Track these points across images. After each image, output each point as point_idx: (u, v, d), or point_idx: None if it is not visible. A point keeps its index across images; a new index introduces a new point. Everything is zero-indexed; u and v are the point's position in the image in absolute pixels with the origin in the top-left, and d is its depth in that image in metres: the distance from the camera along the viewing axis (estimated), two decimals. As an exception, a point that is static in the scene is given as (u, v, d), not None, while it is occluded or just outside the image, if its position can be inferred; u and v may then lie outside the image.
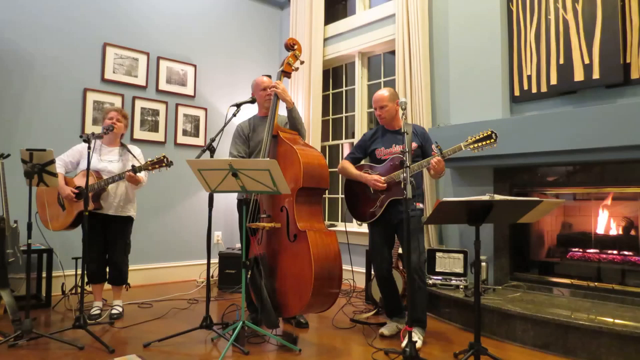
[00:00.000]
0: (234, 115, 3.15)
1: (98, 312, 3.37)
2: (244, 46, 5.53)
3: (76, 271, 3.87)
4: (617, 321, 2.60)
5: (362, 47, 4.89)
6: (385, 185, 2.87)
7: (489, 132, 2.57)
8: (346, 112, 5.32)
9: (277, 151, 2.94)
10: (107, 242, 3.38)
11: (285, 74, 3.20)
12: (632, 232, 3.28)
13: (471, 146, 2.60)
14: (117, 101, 4.41)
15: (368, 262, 4.01)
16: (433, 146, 2.75)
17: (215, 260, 4.72)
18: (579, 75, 3.16)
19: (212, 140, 2.96)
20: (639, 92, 2.97)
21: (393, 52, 4.56)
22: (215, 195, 4.81)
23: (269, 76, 3.33)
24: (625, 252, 3.23)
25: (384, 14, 4.65)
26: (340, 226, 4.98)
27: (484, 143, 2.57)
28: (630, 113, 2.72)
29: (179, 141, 4.84)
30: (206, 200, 4.90)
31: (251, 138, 3.24)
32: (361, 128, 4.90)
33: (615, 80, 3.00)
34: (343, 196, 3.57)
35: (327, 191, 5.32)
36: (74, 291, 3.88)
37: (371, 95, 4.75)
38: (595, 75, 3.07)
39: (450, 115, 3.81)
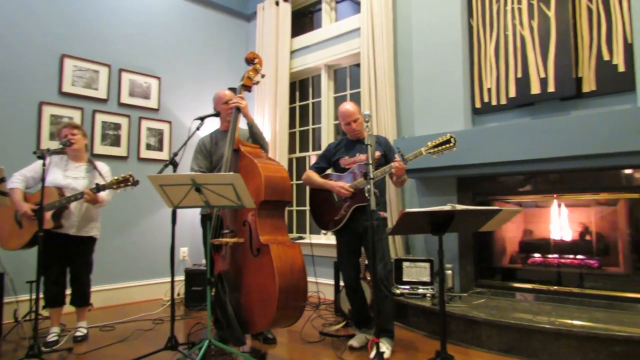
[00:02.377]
0: (198, 128, 3.12)
1: (55, 338, 3.20)
2: (210, 58, 5.52)
3: (31, 295, 3.66)
4: (575, 322, 2.71)
5: (329, 60, 4.96)
6: (350, 191, 2.91)
7: (448, 137, 2.68)
8: (313, 124, 5.36)
9: (239, 165, 2.93)
10: (69, 262, 3.27)
11: (246, 87, 3.20)
12: (588, 237, 3.43)
13: (431, 150, 2.69)
14: (76, 115, 4.32)
15: (337, 274, 4.04)
16: (396, 156, 2.81)
17: (181, 277, 4.64)
18: (535, 89, 3.30)
19: (175, 154, 2.93)
20: (591, 104, 3.14)
21: (359, 65, 4.64)
22: (182, 210, 4.74)
23: (233, 89, 3.33)
24: (582, 256, 3.38)
25: (350, 27, 4.74)
26: (310, 238, 4.99)
27: (443, 147, 2.67)
28: (582, 125, 2.86)
29: (142, 155, 4.76)
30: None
31: (213, 152, 3.22)
32: (328, 140, 4.95)
33: (569, 94, 3.15)
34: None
35: (293, 204, 5.37)
36: (28, 317, 3.64)
37: (337, 108, 4.81)
38: (551, 88, 3.22)
39: (415, 126, 3.90)
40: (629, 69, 2.99)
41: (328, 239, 4.80)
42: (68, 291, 3.34)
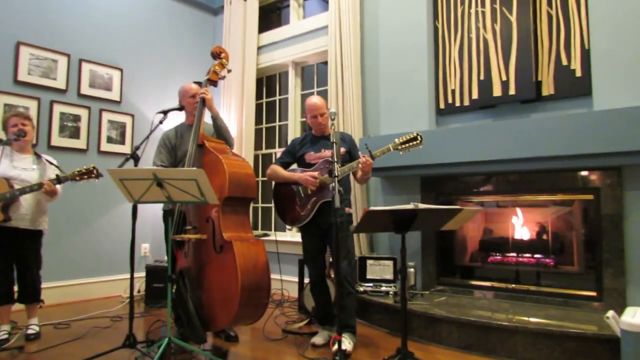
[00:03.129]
0: (161, 122, 3.06)
1: (5, 336, 3.05)
2: (176, 51, 5.40)
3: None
4: (531, 319, 2.79)
5: (296, 57, 4.93)
6: (318, 181, 2.90)
7: (415, 135, 2.72)
8: (279, 120, 5.32)
9: (203, 160, 2.89)
10: (17, 257, 3.12)
11: (212, 82, 3.16)
12: (544, 237, 3.53)
13: (399, 147, 2.72)
14: (32, 105, 4.13)
15: (301, 271, 4.02)
16: (360, 153, 2.82)
17: (142, 274, 4.52)
18: (497, 91, 3.37)
19: (137, 148, 2.85)
20: (549, 108, 3.23)
21: (326, 63, 4.63)
22: (144, 205, 4.63)
23: (199, 83, 3.27)
24: (539, 255, 3.48)
25: (318, 25, 4.72)
26: (275, 235, 4.95)
27: (410, 144, 2.71)
28: (541, 127, 2.95)
29: (102, 149, 4.61)
30: (133, 210, 4.68)
31: (178, 147, 3.17)
32: (293, 136, 4.91)
33: (529, 96, 3.24)
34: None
35: (258, 200, 5.32)
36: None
37: (304, 105, 4.79)
38: (512, 91, 3.30)
39: (380, 126, 3.92)
40: (585, 74, 3.09)
41: (293, 236, 4.78)
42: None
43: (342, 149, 3.04)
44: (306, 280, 3.47)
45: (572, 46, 3.15)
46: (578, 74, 3.12)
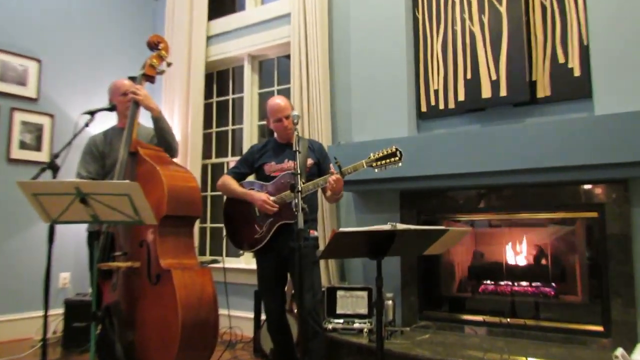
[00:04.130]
0: (87, 125, 2.99)
1: None
2: (108, 41, 5.30)
3: None
4: (529, 360, 2.82)
5: (253, 49, 4.93)
6: (276, 208, 2.87)
7: (393, 149, 2.71)
8: (233, 124, 5.29)
9: (137, 172, 2.86)
10: None
11: (148, 77, 3.14)
12: (543, 261, 3.60)
13: (373, 164, 2.71)
14: None
15: (257, 305, 3.96)
16: (331, 165, 2.80)
17: (59, 310, 4.36)
18: (486, 92, 3.44)
19: (56, 156, 2.78)
20: (546, 111, 3.32)
21: (288, 57, 4.63)
22: (64, 226, 4.47)
23: (134, 79, 3.22)
24: (537, 283, 3.53)
25: (279, 12, 4.73)
26: (226, 262, 4.87)
27: (387, 161, 2.70)
28: (537, 134, 3.01)
29: (13, 156, 4.46)
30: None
31: (107, 155, 3.12)
32: (250, 143, 4.89)
33: (522, 99, 3.31)
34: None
35: (207, 219, 5.24)
36: None
37: (263, 105, 4.77)
38: (503, 92, 3.37)
39: (353, 131, 3.94)
40: (584, 73, 3.19)
41: (248, 263, 4.71)
42: None
43: (310, 160, 3.03)
44: (263, 316, 3.40)
45: (569, 42, 3.25)
46: (576, 73, 3.22)
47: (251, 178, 3.24)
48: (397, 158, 2.71)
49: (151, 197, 2.68)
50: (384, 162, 2.71)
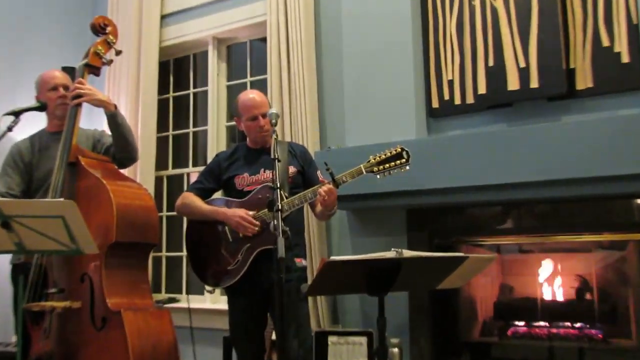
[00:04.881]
0: (10, 129, 3.02)
1: None
2: (34, 24, 5.30)
3: None
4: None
5: (219, 30, 4.95)
6: (258, 226, 2.89)
7: (399, 150, 2.77)
8: (195, 125, 5.30)
9: (77, 187, 2.87)
10: None
11: (92, 69, 3.14)
12: (588, 296, 3.63)
13: (375, 169, 2.74)
14: None
15: (228, 355, 3.97)
16: (318, 173, 2.82)
17: (-27, 366, 4.33)
18: (513, 83, 3.47)
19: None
20: (588, 107, 3.35)
21: (264, 40, 4.66)
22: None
23: (68, 70, 3.24)
24: (581, 324, 3.55)
25: (251, -17, 4.77)
26: (185, 301, 4.86)
27: (392, 164, 2.74)
28: (578, 135, 3.04)
29: None
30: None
31: (35, 166, 3.12)
32: (216, 149, 4.90)
33: (558, 91, 3.35)
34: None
35: (162, 247, 5.22)
36: None
37: (232, 100, 4.77)
38: (534, 83, 3.40)
39: (346, 133, 3.97)
40: (634, 59, 3.22)
41: (215, 301, 4.70)
42: None
43: (292, 168, 3.06)
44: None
45: (615, 20, 3.29)
46: (625, 59, 3.25)
47: (218, 195, 3.27)
48: (403, 160, 2.74)
49: (96, 219, 2.71)
50: (387, 165, 2.75)
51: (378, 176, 2.77)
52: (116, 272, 2.74)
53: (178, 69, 5.46)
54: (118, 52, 3.27)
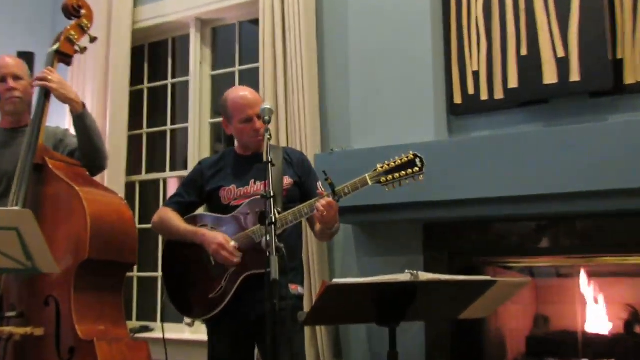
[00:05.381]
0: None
1: None
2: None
3: None
4: None
5: (203, 10, 4.96)
6: (237, 258, 2.87)
7: (411, 156, 2.73)
8: (173, 122, 5.32)
9: (43, 194, 2.87)
10: None
11: (63, 57, 3.14)
12: (638, 329, 3.61)
13: (382, 179, 2.71)
14: None
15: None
16: (319, 184, 2.80)
17: None
18: (550, 76, 3.46)
19: None
20: (637, 104, 3.33)
21: (256, 22, 4.66)
22: None
23: (25, 55, 3.24)
24: (630, 364, 3.55)
25: (240, -46, 4.77)
26: (163, 331, 4.85)
27: (403, 174, 2.70)
28: (626, 137, 3.01)
29: None
30: None
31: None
32: (199, 151, 4.92)
33: (603, 86, 3.33)
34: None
35: (134, 268, 5.20)
36: None
37: (217, 93, 4.77)
38: (574, 76, 3.39)
39: (352, 134, 3.97)
40: (696, 49, 3.22)
41: (196, 331, 4.68)
42: None
43: (287, 179, 3.05)
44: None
45: (672, -1, 3.30)
46: (684, 47, 3.26)
47: (202, 210, 3.26)
48: (417, 168, 2.71)
49: (65, 232, 2.73)
50: (397, 175, 2.71)
51: (387, 188, 2.74)
52: (87, 295, 2.73)
53: (154, 56, 5.48)
54: (93, 39, 3.26)
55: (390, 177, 2.72)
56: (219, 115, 3.84)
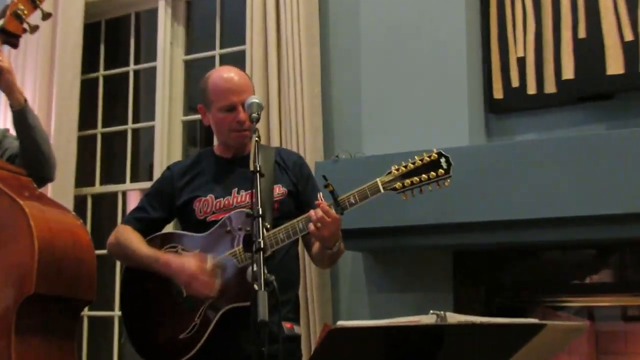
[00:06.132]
0: None
1: None
2: None
3: None
4: None
5: (175, -21, 5.00)
6: (217, 288, 2.87)
7: (434, 156, 2.69)
8: (135, 120, 5.36)
9: None
10: None
11: (8, 37, 3.14)
12: None
13: (398, 184, 2.70)
14: None
15: None
16: (320, 195, 2.80)
17: None
18: (615, 65, 3.48)
19: None
20: None
21: (240, -6, 4.69)
22: None
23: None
24: None
25: None
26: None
27: (424, 177, 2.68)
28: None
29: None
30: None
31: None
32: (168, 157, 4.93)
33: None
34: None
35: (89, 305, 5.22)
36: None
37: (192, 83, 4.79)
38: (646, 65, 3.43)
39: (363, 136, 3.98)
40: None
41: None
42: None
43: (280, 189, 3.05)
44: None
45: None
46: None
47: (171, 227, 3.26)
48: (442, 170, 2.69)
49: (5, 260, 2.70)
50: (417, 179, 2.70)
51: (403, 197, 2.73)
52: (32, 339, 2.71)
53: (112, 36, 5.49)
54: (46, 15, 3.24)
55: (408, 181, 2.68)
56: (193, 111, 3.83)
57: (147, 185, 4.96)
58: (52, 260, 2.72)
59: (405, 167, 2.71)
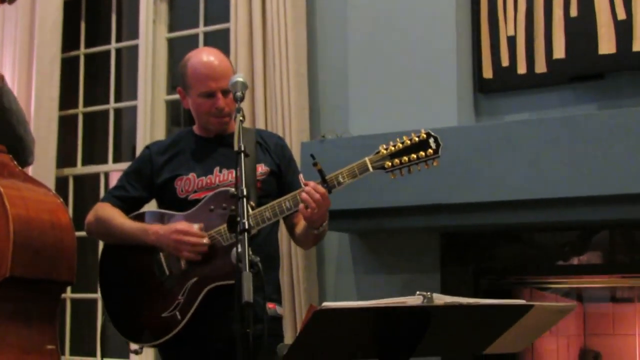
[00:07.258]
0: None
1: None
2: None
3: None
4: None
5: (157, -47, 4.98)
6: (207, 244, 2.89)
7: (423, 136, 2.71)
8: (118, 99, 5.35)
9: None
10: None
11: None
12: None
13: (387, 163, 2.71)
14: None
15: None
16: (301, 177, 2.80)
17: None
18: (607, 44, 3.48)
19: None
20: None
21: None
22: None
23: None
24: None
25: None
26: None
27: (413, 157, 2.70)
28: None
29: None
30: None
31: None
32: (151, 137, 4.93)
33: (674, 57, 3.38)
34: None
35: (70, 287, 5.22)
36: None
37: (175, 61, 4.78)
38: (638, 45, 3.42)
39: (350, 117, 3.99)
40: None
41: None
42: None
43: (263, 168, 3.06)
44: None
45: None
46: None
47: (150, 207, 3.27)
48: (431, 150, 2.70)
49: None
50: (405, 159, 2.71)
51: (392, 176, 2.74)
52: (9, 324, 2.68)
53: (93, 13, 5.47)
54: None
55: (397, 161, 2.70)
56: (175, 91, 3.81)
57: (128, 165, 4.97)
58: (29, 241, 2.69)
59: (394, 146, 2.72)
